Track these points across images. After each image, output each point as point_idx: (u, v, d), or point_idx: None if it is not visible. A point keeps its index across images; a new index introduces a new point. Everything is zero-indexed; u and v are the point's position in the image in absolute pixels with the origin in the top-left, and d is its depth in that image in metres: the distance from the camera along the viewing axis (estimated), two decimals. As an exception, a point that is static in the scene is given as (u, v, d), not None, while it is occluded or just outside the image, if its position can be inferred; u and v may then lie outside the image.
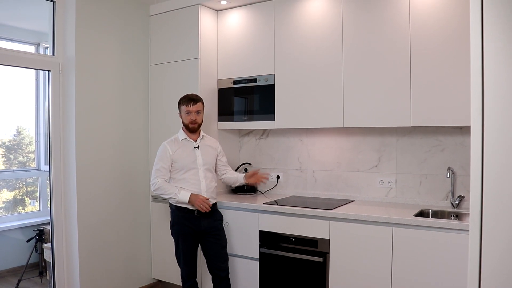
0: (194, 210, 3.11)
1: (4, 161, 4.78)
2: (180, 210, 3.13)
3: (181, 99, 3.20)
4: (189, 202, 3.06)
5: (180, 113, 3.20)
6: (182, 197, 3.05)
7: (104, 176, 3.73)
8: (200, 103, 3.18)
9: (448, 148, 3.29)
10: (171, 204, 3.19)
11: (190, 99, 3.14)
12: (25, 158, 4.94)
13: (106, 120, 3.76)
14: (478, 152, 1.57)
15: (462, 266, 2.64)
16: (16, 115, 4.79)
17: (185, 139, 3.18)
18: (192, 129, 3.16)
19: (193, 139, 3.20)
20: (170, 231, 3.24)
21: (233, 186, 3.69)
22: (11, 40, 4.29)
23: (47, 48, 4.38)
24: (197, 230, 3.14)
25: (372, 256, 2.95)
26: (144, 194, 4.10)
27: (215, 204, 3.27)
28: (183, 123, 3.20)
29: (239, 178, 3.37)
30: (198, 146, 3.19)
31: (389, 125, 3.21)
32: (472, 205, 1.59)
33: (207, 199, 3.11)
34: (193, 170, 3.14)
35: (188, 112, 3.13)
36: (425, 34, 3.02)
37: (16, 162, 4.87)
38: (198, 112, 3.16)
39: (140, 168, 4.06)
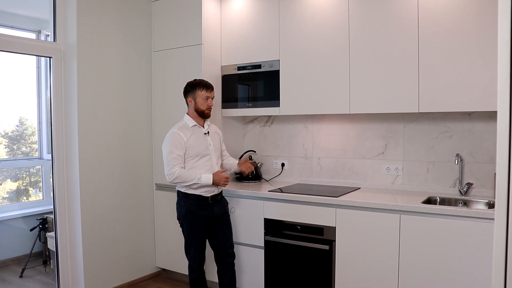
0: (208, 197, 3.07)
1: (7, 151, 4.75)
2: (194, 198, 3.05)
3: (197, 83, 3.08)
4: (213, 183, 3.02)
5: (194, 98, 3.07)
6: (205, 180, 2.98)
7: (107, 165, 3.70)
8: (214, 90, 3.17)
9: (456, 134, 3.24)
10: (180, 193, 3.11)
11: (209, 85, 3.10)
12: (28, 148, 4.91)
13: (109, 107, 3.72)
14: (505, 136, 1.50)
15: (470, 253, 2.61)
16: (18, 106, 4.75)
17: (195, 125, 3.11)
18: (207, 115, 3.11)
19: (201, 125, 3.14)
20: (179, 222, 3.14)
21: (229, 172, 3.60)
22: (12, 27, 4.24)
23: (48, 35, 4.34)
24: (211, 217, 3.10)
25: (379, 244, 2.92)
26: (147, 183, 4.07)
27: (222, 190, 3.26)
28: (197, 109, 3.08)
29: (233, 165, 3.34)
30: (208, 132, 3.15)
31: (396, 111, 3.16)
32: (498, 190, 1.52)
33: (224, 170, 3.14)
34: (207, 156, 3.09)
35: (207, 98, 3.08)
36: (434, 17, 2.95)
37: (19, 152, 4.84)
38: (213, 98, 3.15)
39: (143, 156, 4.03)
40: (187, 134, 3.03)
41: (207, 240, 3.22)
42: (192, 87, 3.09)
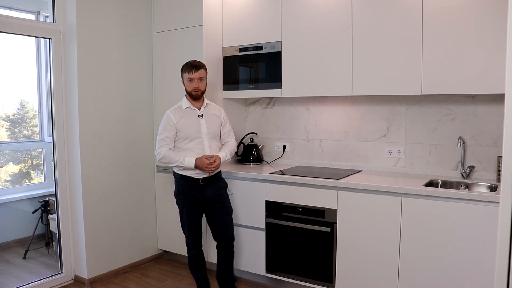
0: (199, 179, 3.07)
1: (8, 134, 4.75)
2: (185, 179, 3.09)
3: (183, 66, 3.11)
4: (196, 167, 3.01)
5: (183, 81, 3.12)
6: (187, 163, 3.00)
7: (108, 146, 3.70)
8: (202, 69, 3.09)
9: (459, 117, 3.22)
10: (175, 173, 3.16)
11: (192, 66, 3.05)
12: (30, 131, 4.90)
13: (109, 89, 3.69)
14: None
15: (471, 235, 2.61)
16: (19, 89, 4.72)
17: (188, 107, 3.11)
18: (195, 96, 3.08)
19: (196, 107, 3.13)
20: (175, 200, 3.22)
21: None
22: (10, 8, 4.18)
23: (47, 16, 4.28)
24: (202, 199, 3.11)
25: (380, 226, 2.92)
26: (148, 165, 4.06)
27: (219, 173, 3.23)
28: (186, 90, 3.13)
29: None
30: (202, 114, 3.13)
31: (399, 93, 3.13)
32: (504, 172, 1.50)
33: (211, 156, 3.06)
34: (198, 139, 3.08)
35: (191, 80, 3.05)
36: (439, -3, 2.90)
37: (21, 136, 4.84)
38: (200, 79, 3.07)
39: (144, 138, 4.02)
40: (178, 116, 3.06)
41: (206, 220, 3.27)
42: (180, 70, 3.13)
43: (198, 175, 3.07)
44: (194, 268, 3.26)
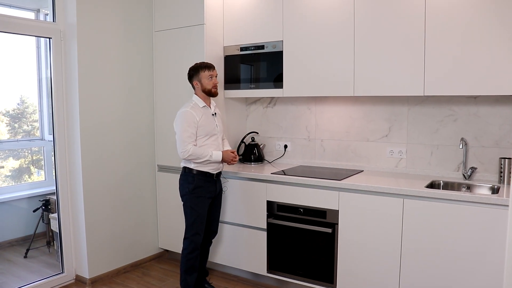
0: (214, 174, 3.21)
1: (9, 130, 4.73)
2: (203, 174, 3.17)
3: (199, 66, 3.18)
4: (222, 160, 3.19)
5: (199, 80, 3.16)
6: (215, 157, 3.14)
7: (109, 146, 3.69)
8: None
9: (461, 118, 3.20)
10: (189, 170, 3.16)
11: (210, 65, 3.20)
12: (30, 127, 4.88)
13: (110, 89, 3.68)
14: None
15: (473, 238, 2.61)
16: (19, 84, 4.70)
17: (205, 106, 3.19)
18: (214, 93, 3.21)
19: (208, 106, 3.22)
20: (183, 199, 3.20)
21: None
22: (10, 6, 4.15)
23: (47, 14, 4.25)
24: (213, 194, 3.26)
25: (382, 228, 2.92)
26: (149, 164, 4.06)
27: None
28: (203, 89, 3.17)
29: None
30: (216, 113, 3.26)
31: (401, 94, 3.11)
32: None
33: (234, 151, 3.30)
34: (214, 136, 3.21)
35: (211, 77, 3.18)
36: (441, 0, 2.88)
37: (21, 131, 4.82)
38: (216, 76, 3.23)
39: (145, 138, 4.01)
40: (198, 113, 3.14)
41: None
42: (196, 70, 3.18)
43: (213, 170, 3.21)
44: (190, 271, 3.19)
